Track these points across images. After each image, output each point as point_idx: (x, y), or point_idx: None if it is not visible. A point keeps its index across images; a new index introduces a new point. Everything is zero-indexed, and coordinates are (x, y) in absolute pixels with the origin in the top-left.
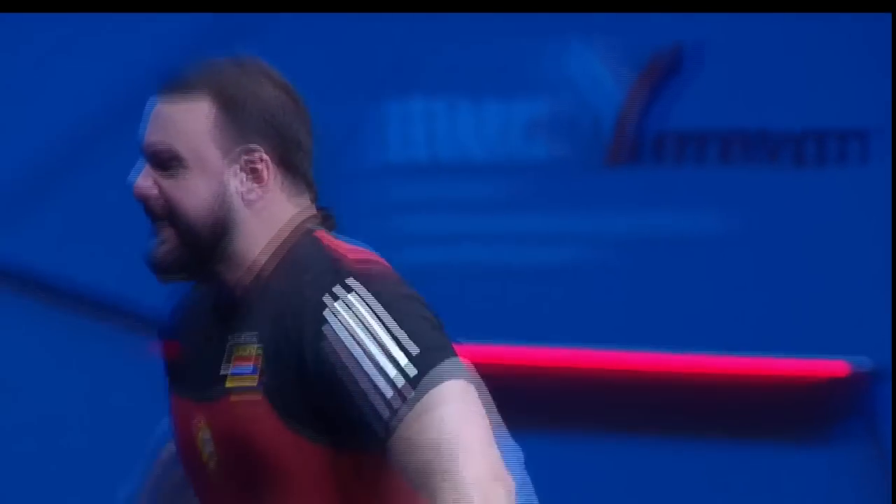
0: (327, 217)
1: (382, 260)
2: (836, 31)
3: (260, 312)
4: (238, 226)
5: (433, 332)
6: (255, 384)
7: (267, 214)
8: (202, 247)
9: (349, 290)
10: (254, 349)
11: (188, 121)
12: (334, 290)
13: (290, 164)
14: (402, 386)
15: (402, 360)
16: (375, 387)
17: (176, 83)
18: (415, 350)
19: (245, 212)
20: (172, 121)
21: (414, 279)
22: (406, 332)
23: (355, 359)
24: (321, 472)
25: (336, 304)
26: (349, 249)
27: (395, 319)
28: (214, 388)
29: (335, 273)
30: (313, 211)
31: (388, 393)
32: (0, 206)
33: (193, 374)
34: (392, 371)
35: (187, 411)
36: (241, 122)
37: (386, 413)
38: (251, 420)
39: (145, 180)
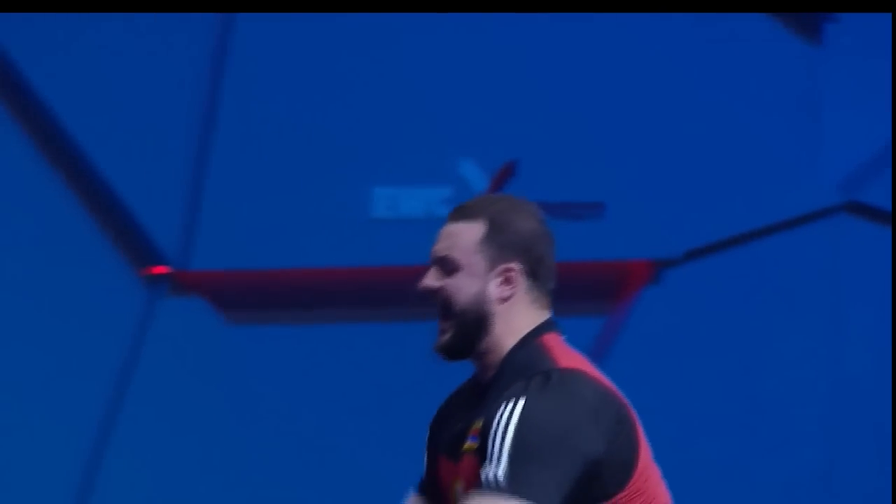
0: (551, 323)
1: (591, 370)
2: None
3: (492, 396)
4: (493, 321)
5: (536, 472)
6: (475, 448)
7: (514, 315)
8: (468, 334)
9: (531, 406)
10: (479, 423)
11: (466, 236)
12: (527, 390)
13: (537, 279)
14: (496, 480)
15: (499, 471)
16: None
17: (462, 209)
18: (503, 472)
19: (499, 309)
20: (455, 235)
21: None
22: (525, 464)
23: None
24: None
25: (520, 401)
26: (563, 355)
27: (529, 443)
28: (460, 450)
29: (545, 388)
30: (548, 316)
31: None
32: None
33: (450, 436)
34: (492, 471)
35: (446, 467)
36: (504, 242)
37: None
38: (475, 475)
39: (430, 279)
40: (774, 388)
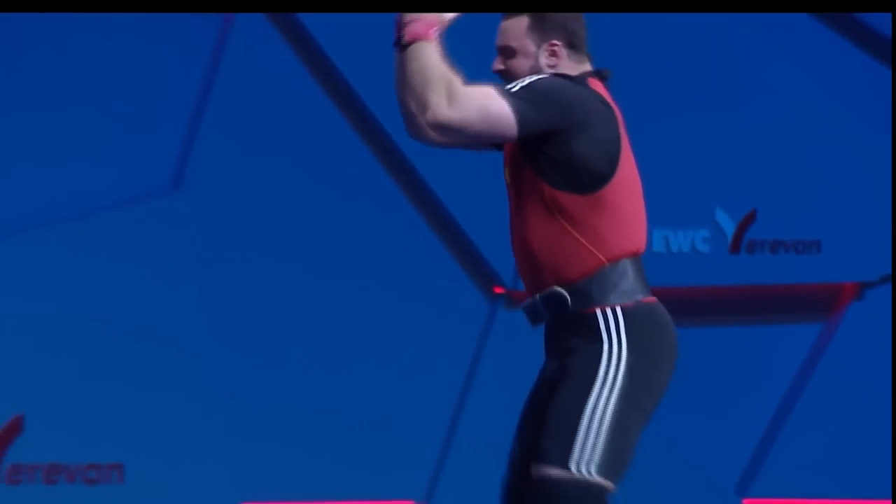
0: (600, 71)
1: (607, 99)
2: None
3: None
4: None
5: (533, 96)
6: None
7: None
8: None
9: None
10: None
11: (516, 28)
12: None
13: (574, 47)
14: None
15: (512, 87)
16: None
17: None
18: (513, 88)
19: (550, 74)
20: (508, 29)
21: None
22: (526, 89)
23: None
24: None
25: None
26: (596, 87)
27: (534, 86)
28: None
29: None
30: (589, 68)
31: None
32: None
33: None
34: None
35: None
36: (545, 26)
37: None
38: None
39: (497, 64)
40: None
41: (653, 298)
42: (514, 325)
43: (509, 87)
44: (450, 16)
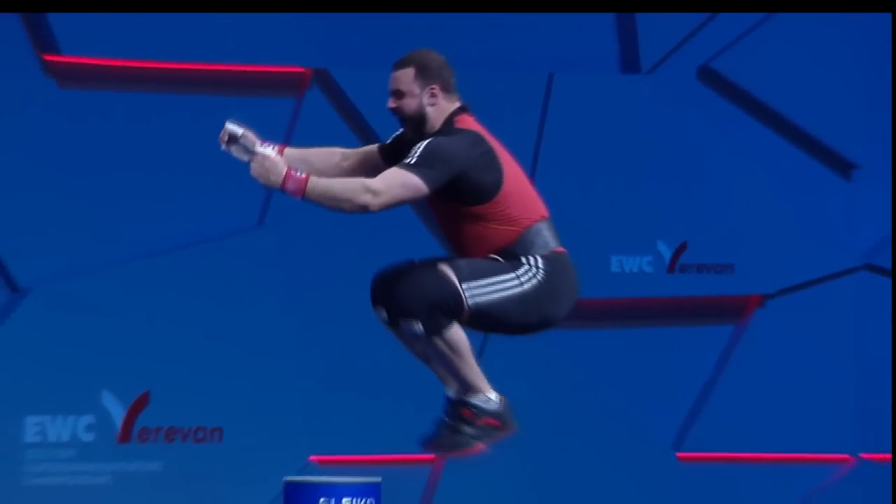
0: (464, 105)
1: (477, 127)
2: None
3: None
4: (427, 116)
5: (432, 162)
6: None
7: (437, 111)
8: (418, 127)
9: (439, 137)
10: None
11: (405, 76)
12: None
13: (446, 90)
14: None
15: (410, 161)
16: None
17: (400, 61)
18: (411, 161)
19: (430, 111)
20: (399, 77)
21: None
22: (422, 156)
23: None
24: None
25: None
26: (463, 122)
27: (427, 153)
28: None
29: (455, 131)
30: (458, 104)
31: None
32: None
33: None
34: (406, 160)
35: None
36: (426, 75)
37: None
38: None
39: (391, 102)
40: None
41: (563, 249)
42: (511, 340)
43: (407, 160)
44: (278, 155)
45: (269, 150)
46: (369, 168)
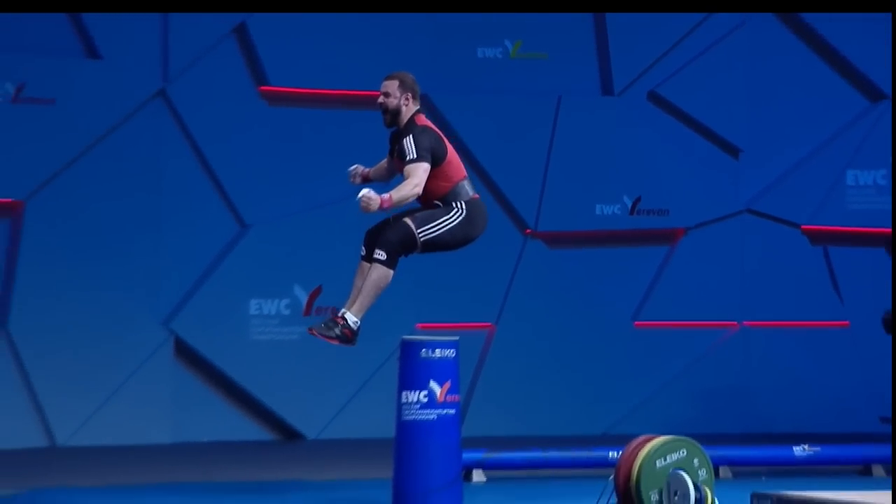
0: (420, 108)
1: (429, 123)
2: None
3: (403, 133)
4: (402, 113)
5: (423, 150)
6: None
7: (408, 110)
8: (395, 119)
9: (413, 132)
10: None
11: (392, 85)
12: (412, 130)
13: (414, 98)
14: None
15: (412, 156)
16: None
17: (390, 75)
18: (413, 155)
19: (404, 109)
20: (389, 84)
21: None
22: (416, 148)
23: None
24: None
25: (411, 135)
26: (423, 120)
27: (417, 146)
28: (394, 153)
29: (416, 128)
30: (419, 108)
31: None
32: None
33: (394, 148)
34: (409, 157)
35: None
36: (405, 87)
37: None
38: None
39: (380, 99)
40: None
41: (477, 195)
42: (537, 254)
43: (411, 157)
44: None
45: (369, 191)
46: (391, 164)
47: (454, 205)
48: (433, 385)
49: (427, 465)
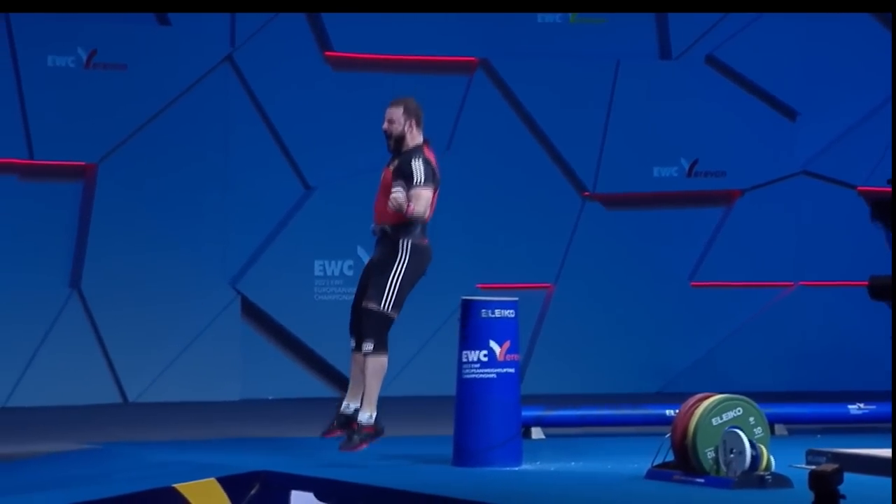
0: (426, 139)
1: (434, 165)
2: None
3: (403, 159)
4: (406, 139)
5: (429, 179)
6: (393, 171)
7: (412, 137)
8: (396, 141)
9: (423, 159)
10: (396, 163)
11: (397, 112)
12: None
13: (419, 125)
14: (418, 184)
15: (419, 181)
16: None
17: (394, 101)
18: (422, 180)
19: (408, 136)
20: (393, 111)
21: None
22: (424, 176)
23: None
24: None
25: (416, 160)
26: (429, 154)
27: (422, 173)
28: (391, 173)
29: (423, 156)
30: (423, 137)
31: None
32: None
33: (404, 171)
34: (416, 181)
35: (386, 180)
36: (409, 113)
37: None
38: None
39: (385, 125)
40: None
41: (426, 240)
42: (595, 215)
43: (417, 182)
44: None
45: (402, 195)
46: (384, 175)
47: (399, 245)
48: (493, 344)
49: (487, 423)
